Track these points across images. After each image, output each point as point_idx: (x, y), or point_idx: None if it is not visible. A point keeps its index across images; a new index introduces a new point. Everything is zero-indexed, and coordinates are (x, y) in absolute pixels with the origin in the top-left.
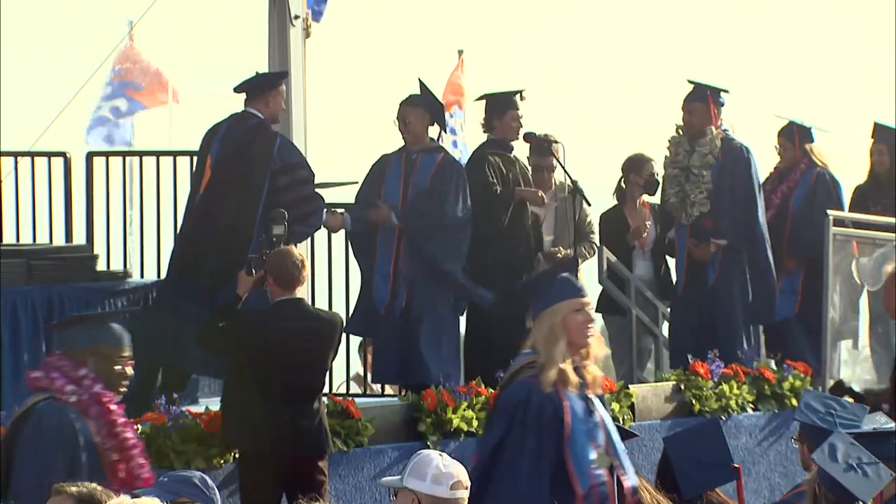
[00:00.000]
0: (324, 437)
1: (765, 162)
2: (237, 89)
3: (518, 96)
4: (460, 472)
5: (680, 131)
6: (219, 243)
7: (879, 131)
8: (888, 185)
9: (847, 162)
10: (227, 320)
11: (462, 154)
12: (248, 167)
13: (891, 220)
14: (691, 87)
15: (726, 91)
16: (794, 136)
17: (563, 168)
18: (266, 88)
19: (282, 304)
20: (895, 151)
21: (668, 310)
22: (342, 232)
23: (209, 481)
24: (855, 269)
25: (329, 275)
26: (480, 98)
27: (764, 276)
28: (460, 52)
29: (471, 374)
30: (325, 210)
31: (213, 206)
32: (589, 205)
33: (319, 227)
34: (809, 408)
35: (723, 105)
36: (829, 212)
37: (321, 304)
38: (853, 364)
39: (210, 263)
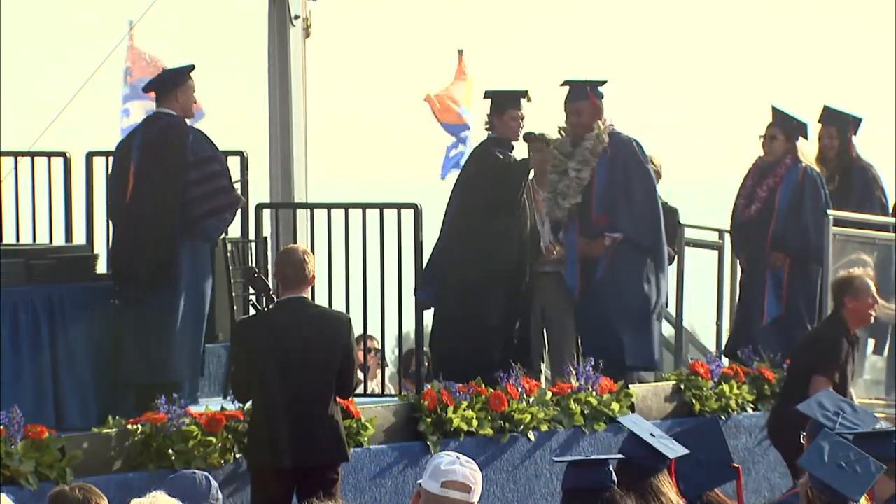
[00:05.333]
0: (339, 445)
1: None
2: (145, 89)
3: (525, 98)
4: (467, 475)
5: (563, 133)
6: (149, 244)
7: (829, 115)
8: (836, 168)
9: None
10: (233, 329)
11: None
12: (165, 167)
13: (891, 220)
14: (567, 88)
15: (605, 82)
16: (793, 130)
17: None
18: (173, 85)
19: (283, 303)
20: (845, 135)
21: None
22: (342, 231)
23: (211, 481)
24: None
25: (329, 274)
26: (486, 96)
27: (662, 268)
28: (460, 52)
29: (472, 373)
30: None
31: (140, 210)
32: None
33: (231, 222)
34: (819, 404)
35: (602, 97)
36: (829, 211)
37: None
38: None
39: (144, 265)
